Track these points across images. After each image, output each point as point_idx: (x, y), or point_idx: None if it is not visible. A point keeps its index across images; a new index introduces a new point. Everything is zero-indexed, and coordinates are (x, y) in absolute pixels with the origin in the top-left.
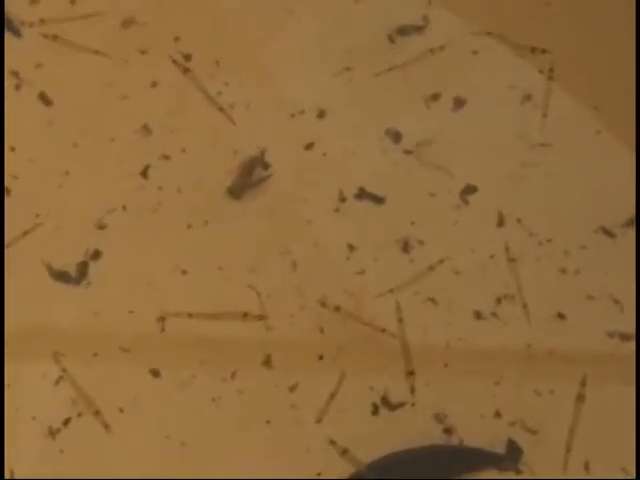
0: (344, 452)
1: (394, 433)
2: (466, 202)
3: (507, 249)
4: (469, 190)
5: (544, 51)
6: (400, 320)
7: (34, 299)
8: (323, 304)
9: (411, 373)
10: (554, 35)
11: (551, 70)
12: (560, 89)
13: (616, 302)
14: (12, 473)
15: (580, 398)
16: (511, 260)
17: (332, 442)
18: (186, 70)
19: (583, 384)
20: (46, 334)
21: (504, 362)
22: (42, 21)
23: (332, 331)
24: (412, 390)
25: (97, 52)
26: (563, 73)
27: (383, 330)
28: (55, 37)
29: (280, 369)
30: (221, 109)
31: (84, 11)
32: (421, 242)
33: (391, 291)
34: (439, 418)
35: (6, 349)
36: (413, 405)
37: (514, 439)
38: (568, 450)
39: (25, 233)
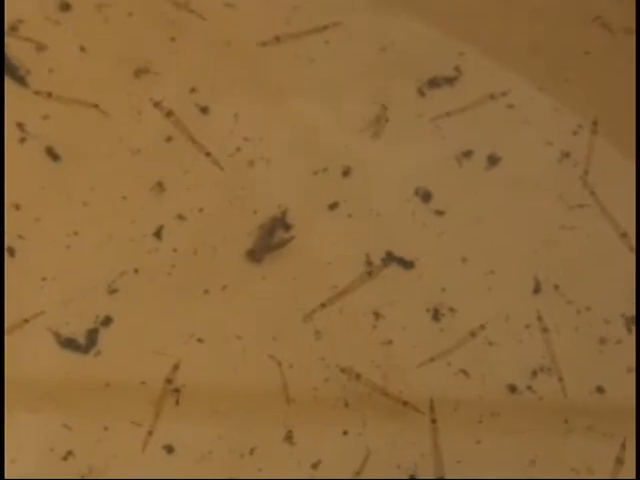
0: None
1: None
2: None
3: (540, 318)
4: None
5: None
6: (430, 393)
7: (39, 368)
8: (348, 376)
9: (441, 450)
10: (597, 87)
11: (595, 124)
12: (602, 145)
13: None
14: None
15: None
16: (545, 330)
17: None
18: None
19: (622, 462)
20: (53, 406)
21: (540, 439)
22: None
23: (357, 405)
24: (442, 469)
25: (108, 103)
26: (606, 128)
27: (412, 404)
28: (64, 87)
29: (302, 445)
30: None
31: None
32: (452, 310)
33: (421, 363)
34: None
35: (10, 420)
36: None
37: None
38: None
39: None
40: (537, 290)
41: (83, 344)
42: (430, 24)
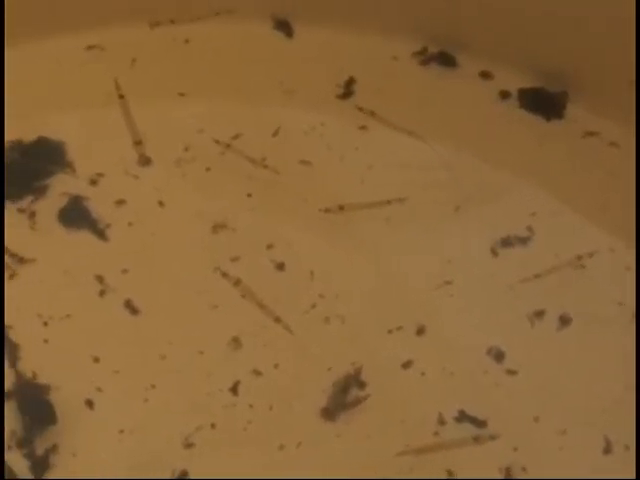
0: None
1: None
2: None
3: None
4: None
5: None
6: None
7: None
8: None
9: None
10: None
11: None
12: None
13: None
14: None
15: None
16: None
17: None
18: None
19: None
20: None
21: None
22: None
23: None
24: None
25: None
26: None
27: None
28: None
29: None
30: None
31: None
32: (524, 469)
33: None
34: None
35: None
36: None
37: None
38: None
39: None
40: (608, 450)
41: None
42: (503, 184)
